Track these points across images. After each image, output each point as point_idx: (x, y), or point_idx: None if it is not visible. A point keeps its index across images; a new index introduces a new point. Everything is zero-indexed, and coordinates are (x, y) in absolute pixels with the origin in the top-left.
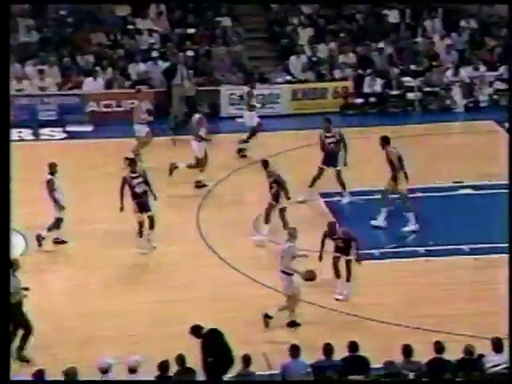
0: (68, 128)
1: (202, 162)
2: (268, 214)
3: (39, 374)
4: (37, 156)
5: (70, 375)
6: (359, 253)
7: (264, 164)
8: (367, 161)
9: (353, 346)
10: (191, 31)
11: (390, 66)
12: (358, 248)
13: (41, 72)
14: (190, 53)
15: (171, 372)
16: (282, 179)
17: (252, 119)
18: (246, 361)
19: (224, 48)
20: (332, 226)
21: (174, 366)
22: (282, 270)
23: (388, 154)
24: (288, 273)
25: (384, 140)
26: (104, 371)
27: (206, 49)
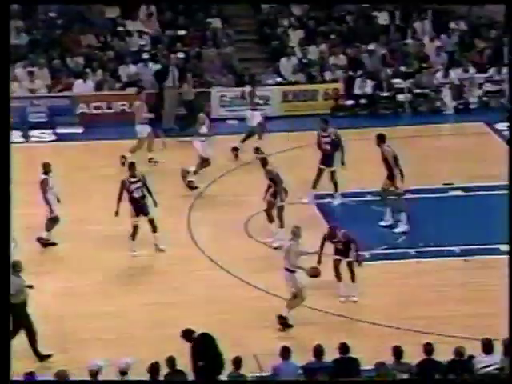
0: (58, 130)
1: (208, 161)
2: (269, 214)
3: (30, 376)
4: (27, 158)
5: (61, 378)
6: (359, 254)
7: (262, 162)
8: (358, 162)
9: (344, 348)
10: (181, 33)
11: (384, 67)
12: (358, 249)
13: (30, 74)
14: (181, 55)
15: (161, 374)
16: (280, 179)
17: (253, 119)
18: (237, 363)
19: (214, 50)
20: (333, 230)
21: (165, 368)
22: (286, 268)
23: (383, 153)
24: (291, 270)
25: (380, 138)
26: (94, 374)
27: (197, 50)
